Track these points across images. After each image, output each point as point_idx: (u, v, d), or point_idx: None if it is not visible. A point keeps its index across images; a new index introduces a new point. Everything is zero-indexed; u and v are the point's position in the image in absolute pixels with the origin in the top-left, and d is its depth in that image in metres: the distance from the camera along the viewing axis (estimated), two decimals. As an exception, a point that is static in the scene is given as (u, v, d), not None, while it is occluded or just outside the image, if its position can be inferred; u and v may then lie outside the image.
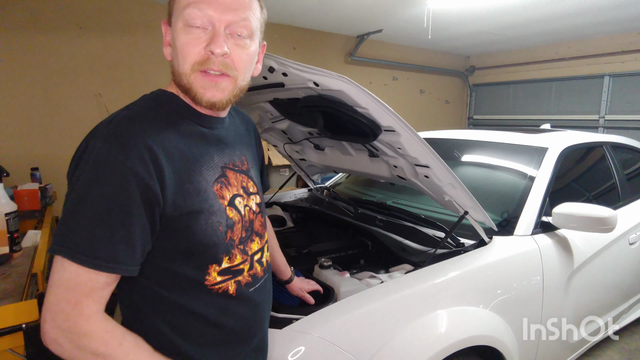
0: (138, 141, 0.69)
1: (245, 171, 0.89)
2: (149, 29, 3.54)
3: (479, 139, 2.29)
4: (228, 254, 0.81)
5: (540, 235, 1.67)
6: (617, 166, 2.35)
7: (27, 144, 3.09)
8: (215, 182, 0.79)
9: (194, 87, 0.75)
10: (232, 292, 0.82)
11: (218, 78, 0.75)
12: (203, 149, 0.79)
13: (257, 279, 0.88)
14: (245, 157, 0.91)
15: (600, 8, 3.65)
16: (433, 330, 1.24)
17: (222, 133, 0.86)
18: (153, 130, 0.72)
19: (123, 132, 0.70)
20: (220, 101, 0.77)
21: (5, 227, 1.54)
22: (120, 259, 0.67)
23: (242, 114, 1.01)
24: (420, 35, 4.77)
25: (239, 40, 0.76)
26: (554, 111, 5.46)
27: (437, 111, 6.20)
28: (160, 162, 0.70)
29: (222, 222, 0.78)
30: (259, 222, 0.91)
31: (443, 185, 1.44)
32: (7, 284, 1.31)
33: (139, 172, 0.67)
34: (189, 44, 0.73)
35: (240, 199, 0.84)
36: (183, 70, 0.75)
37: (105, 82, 3.37)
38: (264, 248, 0.93)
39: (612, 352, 2.41)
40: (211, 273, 0.78)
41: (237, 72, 0.77)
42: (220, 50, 0.72)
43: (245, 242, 0.85)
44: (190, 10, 0.72)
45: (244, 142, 0.94)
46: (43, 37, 3.08)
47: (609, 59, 4.86)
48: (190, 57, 0.74)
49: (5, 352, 1.15)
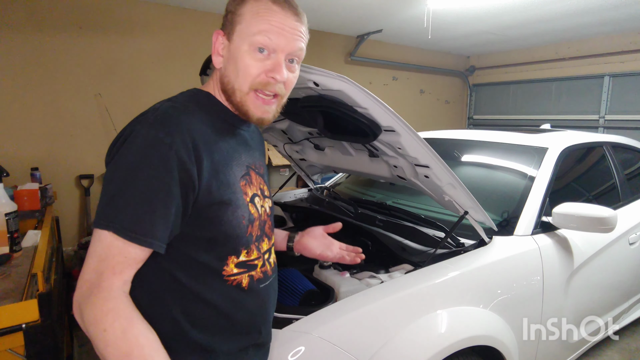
0: (183, 129, 0.75)
1: (262, 174, 0.96)
2: (149, 29, 3.54)
3: (479, 139, 2.29)
4: (247, 248, 0.86)
5: (540, 235, 1.67)
6: (617, 166, 2.35)
7: (27, 144, 3.09)
8: (242, 178, 0.86)
9: (246, 105, 0.83)
10: (245, 286, 0.86)
11: (270, 101, 0.84)
12: (234, 146, 0.87)
13: (267, 276, 0.93)
14: (261, 162, 0.98)
15: (600, 8, 3.65)
16: (433, 331, 1.24)
17: (248, 135, 0.94)
18: (195, 122, 0.79)
19: (170, 119, 0.76)
20: (268, 119, 0.87)
21: (5, 227, 1.54)
22: (158, 235, 0.72)
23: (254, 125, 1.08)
24: (420, 35, 4.77)
25: (291, 67, 0.85)
26: (554, 111, 5.45)
27: (437, 111, 6.20)
28: (200, 151, 0.76)
29: (245, 216, 0.84)
30: (269, 225, 0.96)
31: (443, 185, 1.44)
32: (7, 284, 1.31)
33: (183, 156, 0.73)
34: (253, 66, 0.81)
35: (258, 199, 0.90)
36: (239, 87, 0.82)
37: (105, 82, 3.37)
38: (271, 249, 0.98)
39: (612, 352, 2.41)
40: (229, 264, 0.83)
41: (286, 92, 0.87)
42: (282, 78, 0.82)
43: (259, 241, 0.91)
44: (261, 38, 0.79)
45: (259, 148, 1.01)
46: (43, 37, 3.08)
47: (609, 59, 4.85)
48: (251, 79, 0.81)
49: (5, 352, 1.15)
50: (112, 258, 0.70)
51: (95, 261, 0.70)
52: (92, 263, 0.71)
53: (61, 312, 1.91)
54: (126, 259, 0.71)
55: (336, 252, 1.20)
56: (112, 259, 0.70)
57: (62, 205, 3.14)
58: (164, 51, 3.62)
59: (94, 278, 0.69)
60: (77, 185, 3.34)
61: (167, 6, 3.60)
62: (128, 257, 0.71)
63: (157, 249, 0.73)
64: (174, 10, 3.65)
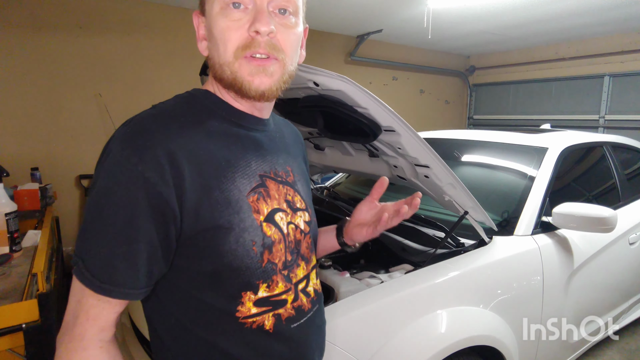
0: (155, 142, 0.59)
1: (290, 183, 0.76)
2: (149, 29, 3.54)
3: (479, 139, 2.29)
4: (266, 281, 0.68)
5: (540, 235, 1.67)
6: (617, 166, 2.35)
7: (27, 144, 3.09)
8: (251, 192, 0.67)
9: (239, 76, 0.65)
10: (269, 328, 0.68)
11: (265, 62, 0.65)
12: (239, 153, 0.68)
13: (302, 313, 0.73)
14: (291, 168, 0.79)
15: (600, 8, 3.65)
16: (433, 330, 1.24)
17: (263, 137, 0.74)
18: (176, 130, 0.63)
19: (140, 132, 0.61)
20: (269, 88, 0.66)
21: (5, 227, 1.54)
22: (119, 281, 0.58)
23: (292, 126, 0.92)
24: (420, 35, 4.77)
25: (284, 19, 0.66)
26: (554, 111, 5.45)
27: (437, 111, 6.19)
28: (180, 167, 0.60)
29: (256, 241, 0.66)
30: (306, 244, 0.77)
31: (443, 185, 1.44)
32: (7, 284, 1.31)
33: (151, 177, 0.58)
34: (230, 28, 0.64)
35: (282, 215, 0.71)
36: (225, 60, 0.65)
37: (105, 82, 3.37)
38: (310, 275, 0.78)
39: (612, 352, 2.41)
40: (245, 302, 0.66)
41: (285, 55, 0.66)
42: (266, 28, 0.62)
43: (290, 268, 0.72)
44: None
45: (291, 152, 0.82)
46: (43, 37, 3.08)
47: (609, 59, 4.85)
48: (232, 43, 0.64)
49: (5, 352, 1.15)
50: (86, 301, 0.60)
51: (73, 301, 0.62)
52: (71, 302, 0.62)
53: (61, 312, 1.91)
54: (99, 304, 0.60)
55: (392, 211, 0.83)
56: (85, 303, 0.60)
57: (62, 205, 3.14)
58: (164, 51, 3.62)
59: (71, 320, 0.61)
60: (77, 185, 3.34)
61: (167, 6, 3.60)
62: (100, 303, 0.60)
63: (120, 297, 0.60)
64: (174, 10, 3.65)
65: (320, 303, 0.81)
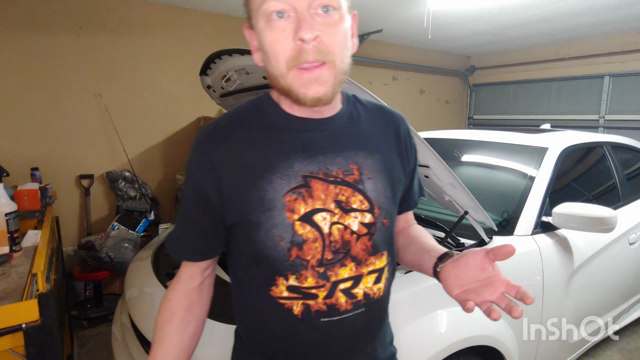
0: (204, 150, 0.73)
1: (349, 182, 0.74)
2: (149, 29, 3.54)
3: (479, 139, 2.29)
4: (295, 273, 0.72)
5: (541, 235, 1.67)
6: (617, 166, 2.36)
7: (27, 144, 3.09)
8: (289, 192, 0.70)
9: (293, 88, 0.67)
10: (297, 314, 0.73)
11: (316, 71, 0.65)
12: (282, 155, 0.72)
13: (335, 311, 0.74)
14: (357, 165, 0.75)
15: (600, 8, 3.65)
16: (433, 330, 1.24)
17: (318, 137, 0.74)
18: (223, 140, 0.73)
19: (198, 141, 0.75)
20: (325, 95, 0.67)
21: (5, 227, 1.54)
22: (180, 248, 0.80)
23: (389, 114, 0.86)
24: (420, 35, 4.77)
25: (327, 18, 0.65)
26: (554, 111, 5.45)
27: (437, 111, 6.19)
28: (220, 171, 0.72)
29: (285, 237, 0.70)
30: (363, 246, 0.75)
31: (443, 185, 1.44)
32: (7, 284, 1.31)
33: (198, 176, 0.74)
34: (276, 40, 0.65)
35: (325, 215, 0.72)
36: (278, 72, 0.67)
37: (105, 82, 3.36)
38: (363, 278, 0.75)
39: (612, 352, 2.41)
40: (279, 285, 0.73)
41: (334, 55, 0.66)
42: (310, 34, 0.62)
43: (329, 266, 0.72)
44: (267, 3, 0.64)
45: (366, 147, 0.78)
46: (43, 37, 3.08)
47: (609, 59, 4.85)
48: (282, 55, 0.65)
49: (5, 352, 1.15)
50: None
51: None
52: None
53: (61, 312, 1.91)
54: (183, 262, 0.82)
55: (498, 294, 0.69)
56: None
57: (62, 205, 3.14)
58: (164, 51, 3.62)
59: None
60: (77, 185, 3.34)
61: (167, 6, 3.60)
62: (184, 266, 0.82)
63: (189, 260, 0.80)
64: (174, 10, 3.64)
65: (373, 308, 0.78)
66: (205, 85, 1.98)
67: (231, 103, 2.14)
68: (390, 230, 0.80)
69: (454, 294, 0.73)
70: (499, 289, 0.68)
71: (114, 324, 1.73)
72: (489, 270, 0.70)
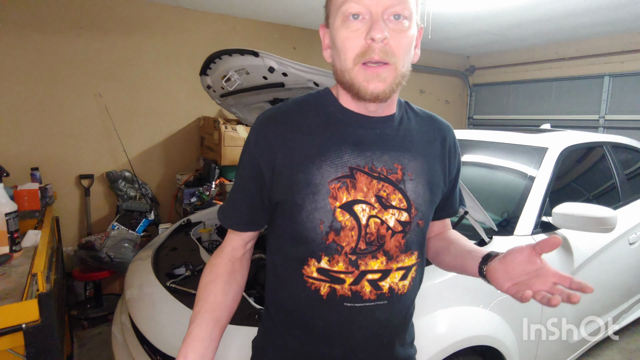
0: (264, 133, 0.80)
1: (392, 180, 0.79)
2: (149, 29, 3.54)
3: (479, 139, 2.29)
4: (328, 256, 0.77)
5: (541, 235, 1.67)
6: (617, 166, 2.36)
7: (27, 144, 3.09)
8: (335, 180, 0.77)
9: (356, 82, 0.74)
10: (323, 295, 0.79)
11: (379, 69, 0.72)
12: (333, 145, 0.78)
13: (358, 298, 0.79)
14: (402, 165, 0.81)
15: (600, 8, 3.65)
16: (433, 331, 1.24)
17: (367, 134, 0.80)
18: (281, 125, 0.80)
19: (258, 124, 0.82)
20: (383, 92, 0.74)
21: (5, 227, 1.54)
22: (230, 218, 0.86)
23: (438, 123, 0.91)
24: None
25: (397, 25, 0.73)
26: (554, 111, 5.45)
27: (437, 111, 6.03)
28: (275, 151, 0.78)
29: (324, 221, 0.76)
30: (396, 243, 0.79)
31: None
32: (7, 284, 1.31)
33: (255, 152, 0.80)
34: (349, 37, 0.73)
35: (364, 207, 0.77)
36: (345, 67, 0.74)
37: (105, 82, 3.36)
38: (391, 273, 0.80)
39: (612, 352, 2.41)
40: (310, 266, 0.79)
41: (397, 58, 0.73)
42: (380, 34, 0.70)
43: (361, 255, 0.78)
44: (347, 5, 0.72)
45: (412, 150, 0.83)
46: (43, 37, 3.08)
47: (609, 59, 4.85)
48: (351, 51, 0.73)
49: (5, 352, 1.15)
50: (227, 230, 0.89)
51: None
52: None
53: (61, 312, 1.91)
54: (230, 232, 0.88)
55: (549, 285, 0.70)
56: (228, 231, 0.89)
57: (62, 205, 3.14)
58: (164, 51, 3.62)
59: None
60: (77, 185, 3.34)
61: (167, 6, 3.60)
62: (230, 232, 0.88)
63: (236, 229, 0.86)
64: (174, 10, 3.65)
65: (396, 303, 0.82)
66: (205, 85, 1.98)
67: (231, 103, 2.14)
68: (424, 232, 0.85)
69: (505, 287, 0.74)
70: (549, 279, 0.70)
71: (114, 324, 1.73)
72: (537, 263, 0.72)
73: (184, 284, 1.49)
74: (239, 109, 2.19)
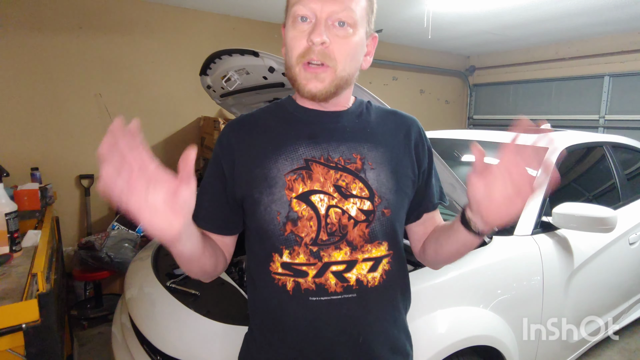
0: (226, 132, 0.87)
1: (350, 170, 0.80)
2: (149, 29, 3.54)
3: (479, 139, 2.29)
4: (288, 248, 0.78)
5: (541, 235, 1.67)
6: (617, 166, 2.36)
7: (27, 144, 3.09)
8: (291, 172, 0.79)
9: (298, 79, 0.78)
10: (290, 290, 0.79)
11: (318, 69, 0.76)
12: (289, 140, 0.82)
13: (323, 291, 0.78)
14: (361, 154, 0.81)
15: (600, 8, 3.65)
16: (433, 331, 1.24)
17: (323, 127, 0.83)
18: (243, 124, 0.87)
19: (225, 126, 0.89)
20: (320, 92, 0.77)
21: (5, 227, 1.54)
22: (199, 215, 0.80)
23: (401, 116, 0.92)
24: (420, 35, 4.77)
25: (340, 31, 0.76)
26: (554, 111, 5.45)
27: (437, 111, 6.19)
28: (235, 151, 0.83)
29: (281, 212, 0.78)
30: (360, 232, 0.79)
31: (443, 186, 1.44)
32: (7, 284, 1.31)
33: (219, 153, 0.85)
34: (295, 37, 0.77)
35: (322, 196, 0.78)
36: (290, 64, 0.79)
37: (105, 82, 3.36)
38: (357, 264, 0.79)
39: (612, 352, 2.41)
40: (275, 262, 0.80)
41: (336, 62, 0.76)
42: (318, 38, 0.74)
43: (323, 246, 0.78)
44: (296, 7, 0.77)
45: (373, 140, 0.84)
46: (43, 37, 3.08)
47: (609, 59, 4.85)
48: (295, 50, 0.77)
49: (5, 352, 1.15)
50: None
51: None
52: None
53: (61, 312, 1.91)
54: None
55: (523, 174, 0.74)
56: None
57: (62, 205, 3.14)
58: (164, 51, 3.62)
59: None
60: (77, 185, 3.34)
61: (167, 6, 3.60)
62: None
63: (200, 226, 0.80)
64: (174, 10, 3.64)
65: (367, 297, 0.80)
66: (205, 85, 1.98)
67: (231, 103, 2.14)
68: (392, 221, 0.82)
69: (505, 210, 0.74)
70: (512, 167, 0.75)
71: (114, 324, 1.73)
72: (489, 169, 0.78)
73: (184, 284, 1.49)
74: (239, 109, 2.19)
